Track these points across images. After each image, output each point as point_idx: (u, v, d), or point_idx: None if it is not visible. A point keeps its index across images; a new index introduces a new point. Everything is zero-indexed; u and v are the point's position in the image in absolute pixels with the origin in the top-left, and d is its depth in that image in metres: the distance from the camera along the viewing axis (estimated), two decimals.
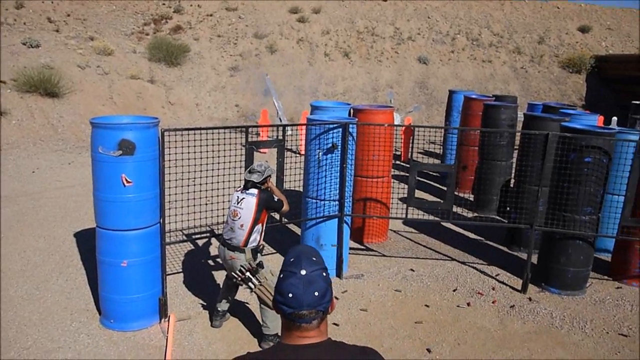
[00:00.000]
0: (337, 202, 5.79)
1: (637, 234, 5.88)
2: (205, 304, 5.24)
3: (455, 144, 9.70)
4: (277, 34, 18.58)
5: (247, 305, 5.19)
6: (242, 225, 4.41)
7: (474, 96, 9.59)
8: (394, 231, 7.53)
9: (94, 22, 17.60)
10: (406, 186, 9.51)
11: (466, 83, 17.58)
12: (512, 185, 7.65)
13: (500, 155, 8.10)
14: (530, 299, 5.61)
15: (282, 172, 5.24)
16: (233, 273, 4.47)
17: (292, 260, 1.62)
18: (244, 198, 4.46)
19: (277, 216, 5.84)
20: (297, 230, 6.92)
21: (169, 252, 6.28)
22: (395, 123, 11.14)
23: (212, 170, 5.13)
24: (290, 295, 1.56)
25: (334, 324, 4.96)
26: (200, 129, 4.77)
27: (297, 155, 10.08)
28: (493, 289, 5.82)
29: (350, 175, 5.96)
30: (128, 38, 17.64)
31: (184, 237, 6.43)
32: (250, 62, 17.68)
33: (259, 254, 4.57)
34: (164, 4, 19.72)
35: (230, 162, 5.16)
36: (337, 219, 5.85)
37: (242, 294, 5.10)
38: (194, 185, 5.19)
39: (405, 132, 11.40)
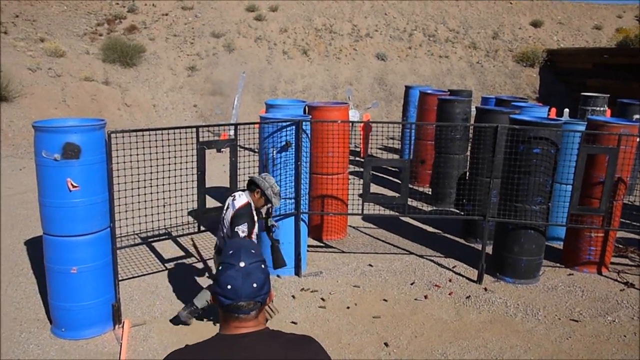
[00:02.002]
0: (293, 200, 5.77)
1: (586, 222, 6.05)
2: (162, 307, 5.16)
3: (413, 139, 9.85)
4: (234, 33, 18.42)
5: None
6: (224, 236, 4.33)
7: (429, 91, 9.71)
8: (353, 227, 7.55)
9: (44, 23, 17.11)
10: None
11: (424, 78, 17.79)
12: (467, 178, 7.77)
13: (455, 149, 8.21)
14: (485, 289, 5.71)
15: (236, 172, 5.18)
16: None
17: (231, 252, 1.65)
18: (228, 207, 4.32)
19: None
20: None
21: (125, 257, 6.17)
22: (354, 119, 11.21)
23: (163, 172, 5.05)
24: (229, 287, 1.58)
25: (292, 322, 4.94)
26: (149, 130, 4.68)
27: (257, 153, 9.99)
28: (450, 280, 5.91)
29: (306, 172, 5.95)
30: (81, 39, 17.21)
31: (140, 240, 6.32)
32: (208, 62, 17.48)
33: None
34: (117, 4, 19.31)
35: (182, 162, 5.07)
36: (293, 217, 5.83)
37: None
38: (147, 187, 5.09)
39: (363, 128, 11.45)
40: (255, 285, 1.60)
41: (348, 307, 5.23)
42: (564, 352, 4.60)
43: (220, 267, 1.64)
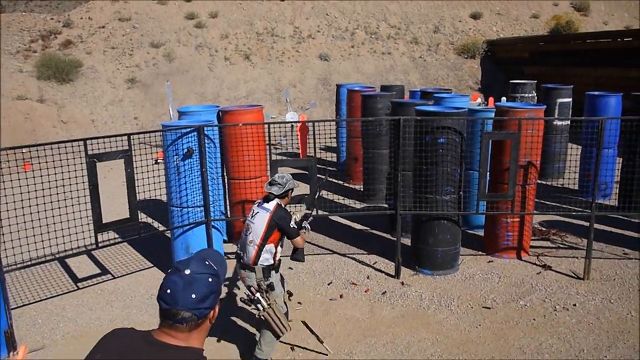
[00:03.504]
0: (202, 208, 5.63)
1: (501, 208, 6.07)
2: (65, 329, 4.96)
3: (345, 137, 9.82)
4: (174, 42, 18.14)
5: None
6: (251, 241, 4.12)
7: (356, 88, 9.69)
8: None
9: None
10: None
11: (367, 76, 17.82)
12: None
13: (381, 145, 8.16)
14: (402, 284, 5.67)
15: (133, 183, 5.02)
16: (244, 293, 4.10)
17: (185, 258, 1.64)
18: (258, 212, 4.18)
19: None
20: None
21: (33, 280, 5.96)
22: (293, 121, 11.13)
23: (53, 187, 4.86)
24: (169, 291, 1.55)
25: None
26: (29, 146, 4.49)
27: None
28: (368, 277, 5.85)
29: (215, 178, 5.83)
30: (13, 57, 16.70)
31: (47, 259, 6.09)
32: (148, 73, 17.16)
33: (273, 272, 4.20)
34: (52, 19, 18.83)
35: (71, 177, 4.87)
36: (205, 225, 5.69)
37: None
38: (45, 203, 4.89)
39: (301, 129, 11.37)
40: (194, 296, 1.54)
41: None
42: (472, 340, 4.58)
43: (169, 270, 1.61)
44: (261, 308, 3.93)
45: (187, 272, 1.56)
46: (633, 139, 6.59)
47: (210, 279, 1.59)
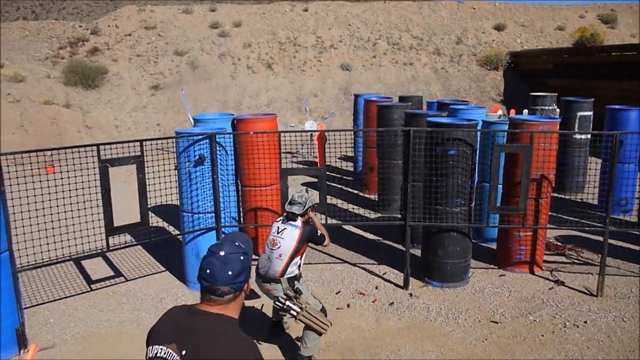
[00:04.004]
0: (213, 214, 5.70)
1: (513, 222, 6.00)
2: (76, 329, 5.05)
3: (362, 147, 9.83)
4: (198, 50, 18.43)
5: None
6: (280, 255, 4.33)
7: (373, 98, 9.70)
8: None
9: (4, 49, 17.04)
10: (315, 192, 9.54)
11: (389, 86, 17.83)
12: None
13: (396, 155, 8.15)
14: (411, 295, 5.64)
15: (145, 189, 5.10)
16: (274, 305, 4.30)
17: (218, 242, 1.91)
18: (285, 228, 4.39)
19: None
20: None
21: (47, 279, 6.08)
22: (306, 130, 11.19)
23: (72, 190, 4.97)
24: (208, 271, 1.83)
25: None
26: (44, 150, 4.61)
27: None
28: (376, 287, 5.83)
29: (226, 185, 5.89)
30: (42, 63, 17.17)
31: (60, 260, 6.22)
32: (172, 80, 17.45)
33: (296, 282, 4.44)
34: (80, 26, 19.30)
35: (84, 181, 4.99)
36: (215, 232, 5.75)
37: None
38: (59, 206, 5.01)
39: (318, 138, 11.42)
40: (230, 273, 1.81)
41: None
42: (477, 355, 4.52)
43: (206, 253, 1.88)
44: (295, 313, 4.09)
45: (222, 253, 1.83)
46: None
47: (241, 257, 1.85)
